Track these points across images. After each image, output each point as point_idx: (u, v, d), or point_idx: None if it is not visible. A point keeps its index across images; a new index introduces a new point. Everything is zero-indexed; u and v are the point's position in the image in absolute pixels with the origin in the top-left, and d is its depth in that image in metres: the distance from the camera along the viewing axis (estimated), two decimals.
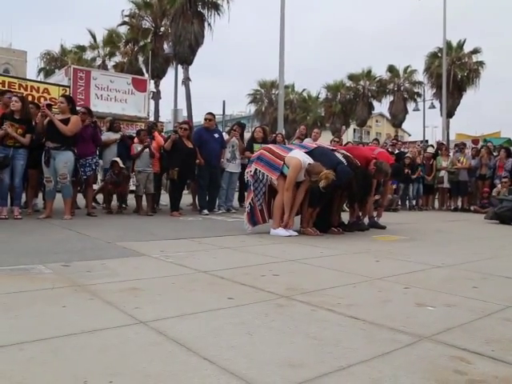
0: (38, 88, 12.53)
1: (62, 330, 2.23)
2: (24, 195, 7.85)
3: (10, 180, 7.03)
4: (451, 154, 14.07)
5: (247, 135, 11.49)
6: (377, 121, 63.02)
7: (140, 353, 2.01)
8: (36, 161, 7.30)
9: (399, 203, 12.75)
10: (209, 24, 30.75)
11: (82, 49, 38.58)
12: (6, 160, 6.90)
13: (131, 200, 9.14)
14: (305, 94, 47.40)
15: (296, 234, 6.23)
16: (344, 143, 11.89)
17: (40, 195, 8.33)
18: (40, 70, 39.47)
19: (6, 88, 11.02)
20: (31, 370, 1.80)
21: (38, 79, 26.24)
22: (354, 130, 53.45)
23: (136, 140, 8.70)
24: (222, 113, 34.94)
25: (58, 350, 2.00)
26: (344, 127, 15.10)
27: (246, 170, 6.76)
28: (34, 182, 7.91)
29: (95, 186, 9.55)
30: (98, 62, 37.18)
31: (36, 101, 10.21)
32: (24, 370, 1.80)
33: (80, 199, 8.86)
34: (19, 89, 11.65)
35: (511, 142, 19.74)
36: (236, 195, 10.89)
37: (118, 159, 8.31)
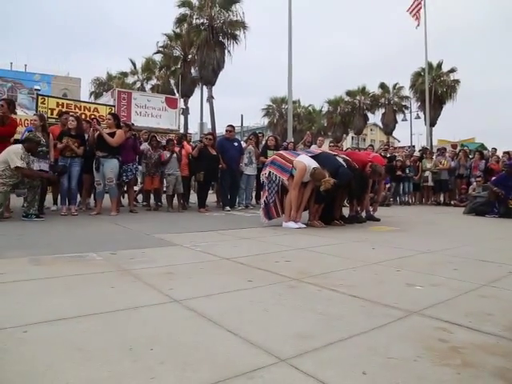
0: (90, 107, 12.71)
1: (111, 307, 2.26)
2: (79, 196, 7.94)
3: (67, 183, 7.15)
4: (434, 157, 13.91)
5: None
6: (371, 129, 62.33)
7: (174, 326, 2.02)
8: (89, 167, 7.42)
9: (391, 199, 12.64)
10: (228, 51, 30.83)
11: (124, 74, 38.88)
12: (65, 168, 7.08)
13: (165, 199, 9.18)
14: (310, 108, 47.13)
15: (304, 226, 6.20)
16: (344, 149, 11.84)
17: (92, 196, 8.42)
18: (91, 93, 39.88)
19: (65, 109, 11.23)
20: (87, 339, 1.83)
21: (90, 101, 26.44)
22: (352, 137, 52.97)
23: (167, 148, 8.75)
24: (240, 125, 34.97)
25: (108, 323, 2.03)
26: (344, 136, 15.03)
27: (262, 173, 6.75)
28: (87, 184, 8.02)
29: (136, 188, 9.63)
30: (138, 85, 37.35)
31: (88, 118, 10.31)
32: (82, 338, 1.84)
33: (123, 199, 8.92)
34: (74, 109, 11.84)
35: (484, 146, 19.45)
36: (253, 194, 10.87)
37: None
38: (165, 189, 8.90)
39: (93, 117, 10.66)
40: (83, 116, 11.44)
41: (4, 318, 2.04)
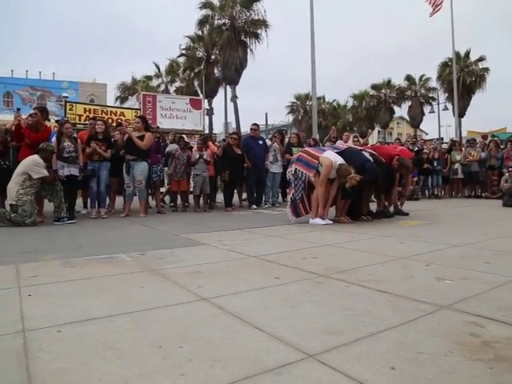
0: (116, 112, 12.94)
1: (141, 306, 2.31)
2: (108, 199, 8.10)
3: (96, 187, 7.32)
4: (463, 148, 13.57)
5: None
6: (398, 123, 61.34)
7: (203, 323, 2.05)
8: (116, 171, 7.55)
9: (420, 193, 12.41)
10: (251, 50, 30.94)
11: (148, 78, 39.47)
12: (94, 172, 7.24)
13: (192, 200, 9.28)
14: (334, 103, 46.66)
15: (331, 222, 6.15)
16: (370, 144, 11.71)
17: (120, 198, 8.59)
18: (117, 98, 40.58)
19: (92, 114, 11.50)
20: (118, 337, 1.88)
21: (116, 105, 26.94)
22: (378, 131, 52.20)
23: (194, 149, 8.83)
24: (264, 123, 35.01)
25: (138, 322, 2.07)
26: (370, 131, 14.81)
27: (288, 170, 6.74)
28: (115, 187, 8.16)
29: (162, 189, 9.76)
30: (162, 87, 37.82)
31: (114, 123, 10.52)
32: (113, 336, 1.89)
33: (151, 200, 9.06)
34: (101, 114, 12.09)
35: None
36: (279, 192, 10.87)
37: None
38: (191, 189, 9.01)
39: (119, 121, 10.88)
40: (110, 120, 11.70)
41: (39, 319, 2.12)
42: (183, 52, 34.36)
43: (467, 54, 35.83)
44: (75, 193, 7.36)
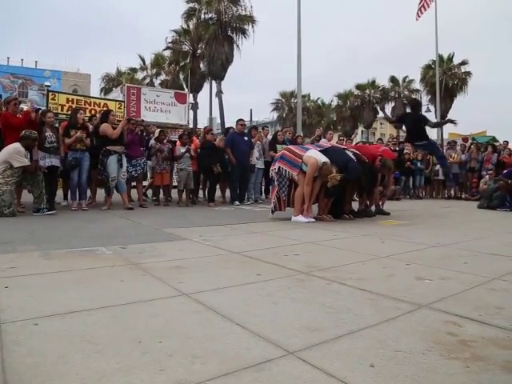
0: (99, 103, 12.76)
1: (121, 300, 2.28)
2: (89, 191, 7.98)
3: (77, 178, 7.19)
4: (445, 150, 13.78)
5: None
6: (381, 123, 61.90)
7: (183, 319, 2.03)
8: (98, 163, 7.43)
9: (402, 193, 12.56)
10: (237, 45, 30.92)
11: (133, 70, 39.08)
12: (76, 162, 7.08)
13: (174, 194, 9.22)
14: (319, 101, 46.82)
15: (314, 220, 6.18)
16: (354, 143, 11.82)
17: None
18: (101, 89, 40.02)
19: (75, 105, 11.30)
20: (97, 331, 1.85)
21: (100, 96, 26.56)
22: (362, 131, 52.61)
23: (178, 143, 8.77)
24: (249, 119, 34.96)
25: (118, 316, 2.05)
26: (356, 131, 14.96)
27: (271, 168, 6.75)
28: (97, 179, 8.01)
29: (145, 183, 9.69)
30: (147, 80, 37.47)
31: (97, 114, 10.37)
32: (92, 331, 1.86)
33: (133, 193, 8.97)
34: (84, 105, 11.90)
35: (495, 139, 19.21)
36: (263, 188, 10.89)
37: None
38: (175, 183, 8.95)
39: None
40: (93, 112, 11.55)
41: (16, 311, 2.08)
42: (169, 45, 34.08)
43: (450, 57, 36.35)
44: (55, 183, 7.23)
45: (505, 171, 9.89)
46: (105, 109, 11.99)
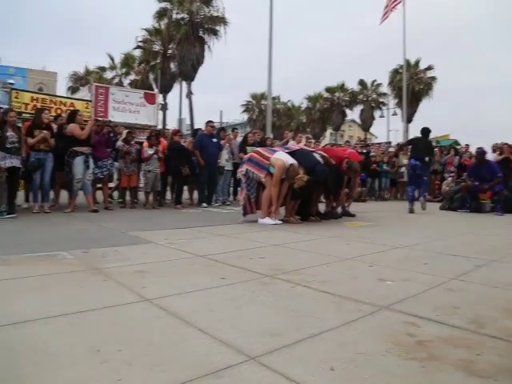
0: (66, 102, 12.40)
1: (81, 307, 2.22)
2: (52, 192, 7.76)
3: (40, 179, 6.98)
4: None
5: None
6: (349, 126, 62.86)
7: (145, 325, 2.00)
8: (62, 164, 7.24)
9: (367, 195, 12.78)
10: (208, 46, 30.73)
11: (102, 69, 38.27)
12: (39, 163, 6.88)
13: (141, 196, 9.09)
14: (289, 103, 47.15)
15: (280, 222, 6.21)
16: (322, 145, 11.97)
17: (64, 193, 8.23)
18: (68, 88, 39.07)
19: (40, 104, 10.96)
20: (55, 340, 1.80)
21: (67, 95, 25.92)
22: (331, 133, 53.22)
23: (145, 144, 8.65)
24: (220, 120, 34.91)
25: (76, 324, 2.00)
26: (324, 134, 15.14)
27: (238, 170, 6.75)
28: (60, 182, 7.81)
29: (112, 185, 9.52)
30: (116, 79, 36.79)
31: (63, 114, 10.10)
32: (48, 340, 1.80)
33: (98, 195, 8.79)
34: (50, 104, 11.55)
35: (458, 142, 19.86)
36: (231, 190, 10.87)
37: None
38: (141, 185, 8.83)
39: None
40: (59, 111, 11.25)
41: None
42: (139, 44, 33.56)
43: (417, 62, 37.35)
44: (16, 185, 6.99)
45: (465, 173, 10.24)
46: (71, 108, 11.72)
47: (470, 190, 9.23)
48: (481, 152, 9.42)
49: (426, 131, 9.27)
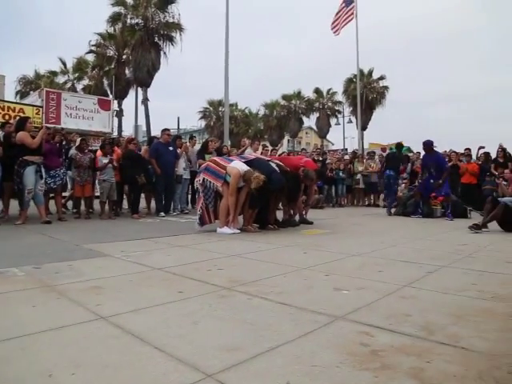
0: (14, 108, 11.99)
1: (31, 329, 2.14)
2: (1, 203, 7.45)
3: None
4: (364, 160, 14.51)
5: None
6: (306, 133, 63.92)
7: (100, 345, 1.95)
8: (11, 174, 6.95)
9: (324, 202, 13.01)
10: (164, 53, 30.43)
11: (53, 74, 36.97)
12: None
13: (96, 205, 8.86)
14: (247, 111, 47.31)
15: (238, 231, 6.23)
16: (280, 153, 12.08)
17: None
18: (17, 93, 37.38)
19: None
20: (2, 367, 1.72)
21: (15, 100, 24.91)
22: (288, 140, 53.93)
23: (99, 153, 8.45)
24: (177, 127, 34.57)
25: (27, 347, 1.92)
26: (282, 142, 15.25)
27: (196, 179, 6.72)
28: (9, 193, 7.48)
29: (66, 194, 9.23)
30: (68, 85, 35.71)
31: (12, 120, 9.72)
32: None
33: (51, 205, 8.49)
34: None
35: (410, 149, 20.58)
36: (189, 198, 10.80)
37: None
38: (97, 194, 8.62)
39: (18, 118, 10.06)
40: (7, 117, 10.82)
41: None
42: (92, 49, 32.79)
43: (370, 72, 38.61)
44: None
45: (418, 181, 10.62)
46: (21, 114, 11.32)
47: (423, 194, 9.59)
48: (426, 142, 9.67)
49: (398, 145, 10.56)
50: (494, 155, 12.04)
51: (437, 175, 9.32)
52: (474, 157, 12.66)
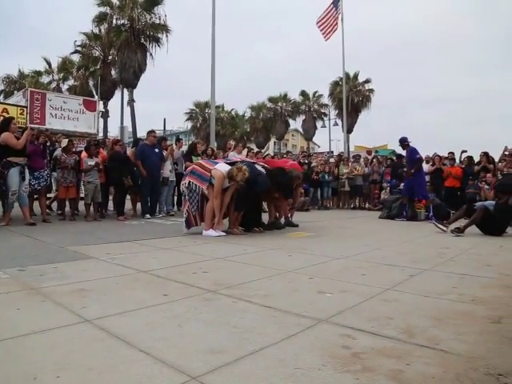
0: None
1: (16, 332, 2.14)
2: None
3: None
4: (350, 163, 14.65)
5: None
6: (292, 135, 64.12)
7: (85, 348, 1.96)
8: None
9: (310, 204, 13.10)
10: (150, 54, 30.22)
11: (38, 73, 36.49)
12: None
13: (81, 206, 8.79)
14: (233, 112, 47.30)
15: (224, 234, 6.25)
16: (264, 155, 12.14)
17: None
18: (0, 92, 36.89)
19: None
20: None
21: None
22: (274, 142, 54.11)
23: (84, 154, 8.39)
24: (163, 128, 34.43)
25: (11, 351, 1.92)
26: (268, 145, 15.32)
27: (181, 182, 6.73)
28: None
29: (51, 195, 9.15)
30: (53, 85, 35.29)
31: None
32: None
33: (36, 207, 8.40)
34: None
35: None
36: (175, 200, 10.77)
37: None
38: (82, 196, 8.56)
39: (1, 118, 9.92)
40: None
41: None
42: (78, 49, 32.46)
43: (356, 75, 38.90)
44: None
45: (402, 184, 10.76)
46: (5, 114, 11.17)
47: (410, 197, 9.72)
48: (400, 139, 9.97)
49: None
50: (476, 159, 12.29)
51: (410, 168, 9.69)
52: (457, 160, 12.88)
